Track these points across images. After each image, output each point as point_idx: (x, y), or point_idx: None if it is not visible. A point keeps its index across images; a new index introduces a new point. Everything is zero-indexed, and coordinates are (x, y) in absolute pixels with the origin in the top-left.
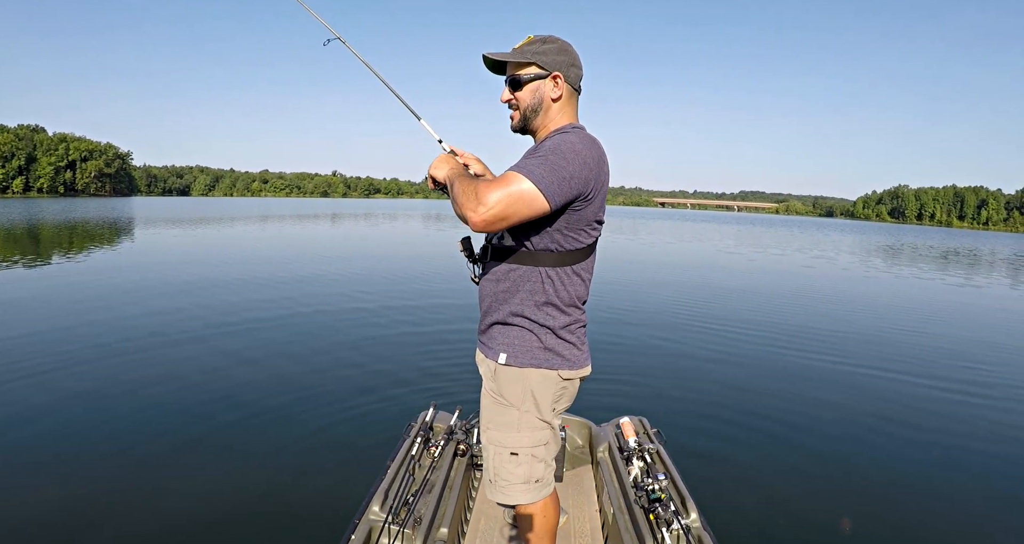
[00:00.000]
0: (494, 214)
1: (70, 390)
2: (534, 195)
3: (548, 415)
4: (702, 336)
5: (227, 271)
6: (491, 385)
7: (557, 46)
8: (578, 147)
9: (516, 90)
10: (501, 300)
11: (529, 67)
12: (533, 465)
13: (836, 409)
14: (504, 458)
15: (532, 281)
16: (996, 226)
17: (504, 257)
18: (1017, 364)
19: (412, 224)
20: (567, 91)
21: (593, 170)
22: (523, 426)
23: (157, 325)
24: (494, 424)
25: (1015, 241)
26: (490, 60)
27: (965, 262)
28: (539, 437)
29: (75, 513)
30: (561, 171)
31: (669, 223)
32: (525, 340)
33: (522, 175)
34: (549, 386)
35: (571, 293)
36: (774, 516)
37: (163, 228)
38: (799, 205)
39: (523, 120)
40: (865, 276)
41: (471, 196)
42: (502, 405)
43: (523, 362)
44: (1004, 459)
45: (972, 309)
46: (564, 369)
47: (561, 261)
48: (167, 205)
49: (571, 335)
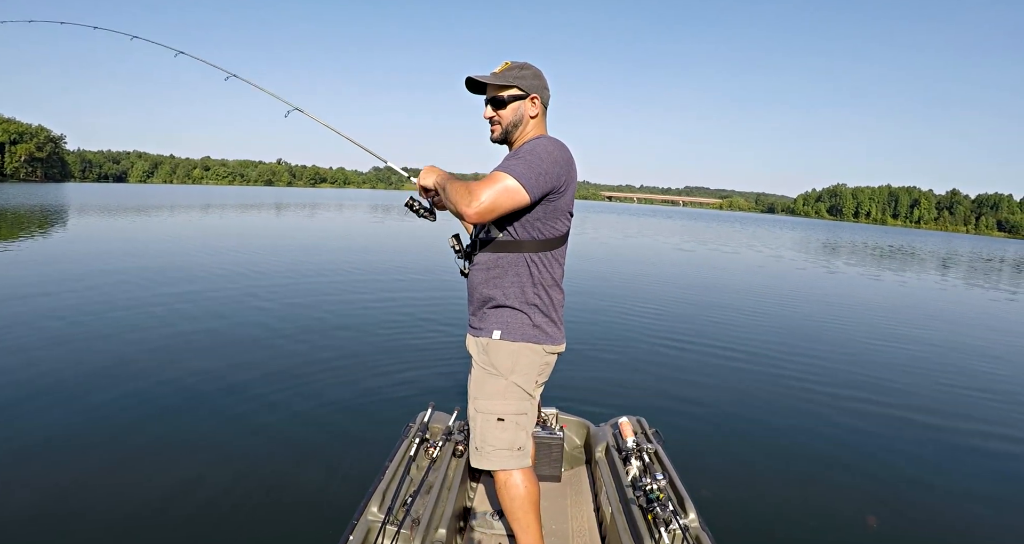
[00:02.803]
0: (485, 206)
1: (49, 383)
2: (516, 188)
3: (531, 387)
4: (700, 336)
5: (216, 266)
6: (482, 358)
7: (533, 72)
8: (550, 149)
9: (499, 108)
10: (492, 285)
11: (511, 89)
12: (516, 432)
13: (835, 408)
14: (491, 424)
15: (519, 265)
16: (927, 225)
17: (492, 248)
18: (1011, 361)
19: (382, 216)
20: (541, 109)
21: (564, 167)
22: (510, 394)
23: (147, 320)
24: (483, 393)
25: (944, 239)
26: (472, 82)
27: (936, 264)
28: (523, 406)
29: (62, 512)
30: (537, 168)
31: (650, 219)
32: (517, 319)
33: (506, 173)
34: (535, 359)
35: (552, 274)
36: (772, 516)
37: (126, 216)
38: (742, 201)
39: (504, 133)
40: (858, 275)
41: (464, 193)
42: (491, 375)
43: (516, 337)
44: (1005, 457)
45: (963, 309)
46: (548, 344)
47: (542, 247)
48: (104, 192)
49: (554, 313)
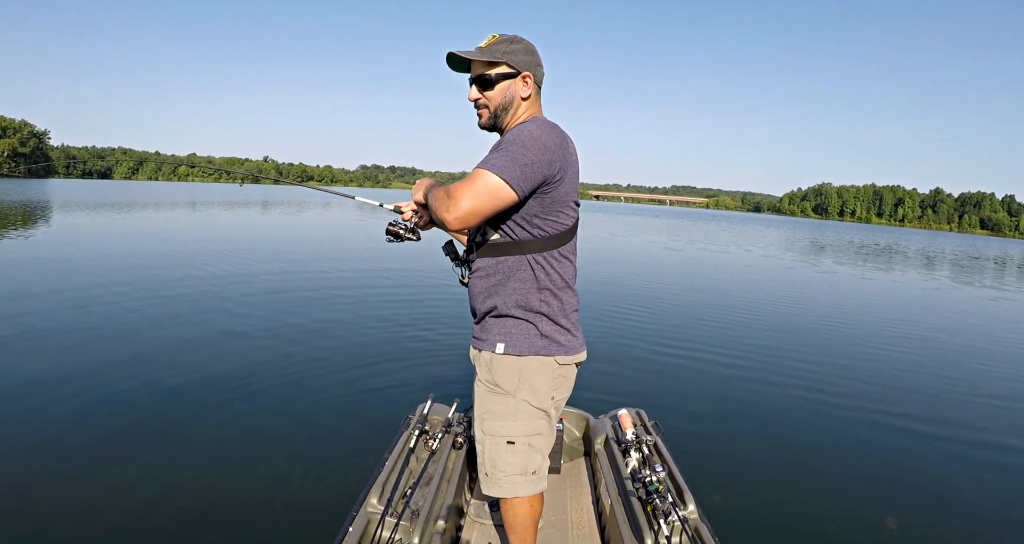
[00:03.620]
0: (465, 211)
1: (48, 376)
2: (499, 186)
3: (545, 403)
4: (700, 328)
5: (210, 263)
6: (486, 375)
7: (524, 46)
8: (536, 133)
9: (486, 89)
10: (493, 293)
11: (499, 66)
12: (530, 455)
13: (834, 400)
14: (500, 448)
15: (522, 269)
16: (911, 223)
17: (490, 252)
18: (1009, 360)
19: (370, 213)
20: (534, 89)
21: (556, 153)
22: (519, 414)
23: (149, 313)
24: (490, 414)
25: (929, 237)
26: (454, 58)
27: (924, 262)
28: (535, 426)
29: (57, 506)
30: (522, 158)
31: (636, 219)
32: (522, 329)
33: (486, 170)
34: (546, 373)
35: (562, 275)
36: (771, 507)
37: (116, 212)
38: (729, 200)
39: (493, 118)
40: (850, 273)
41: (443, 199)
42: (497, 394)
43: (521, 350)
44: (1007, 455)
45: (957, 306)
46: (560, 355)
47: (546, 246)
48: (91, 188)
49: (566, 320)
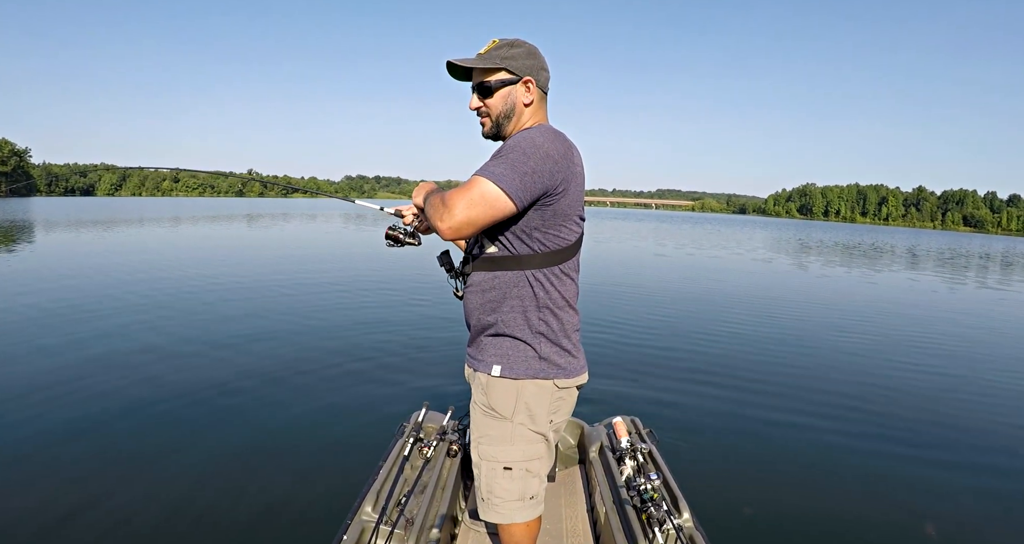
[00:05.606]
0: (459, 220)
1: (46, 392)
2: (496, 195)
3: (543, 427)
4: (694, 335)
5: (203, 275)
6: (481, 398)
7: (525, 50)
8: (539, 141)
9: (486, 97)
10: (490, 310)
11: (498, 72)
12: (527, 481)
13: (827, 408)
14: (497, 473)
15: (520, 286)
16: (895, 222)
17: (487, 266)
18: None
19: (358, 224)
20: (538, 95)
21: (559, 163)
22: (516, 438)
23: (142, 322)
24: (486, 438)
25: (913, 235)
26: (455, 66)
27: (936, 261)
28: (533, 450)
29: (50, 518)
30: (522, 167)
31: (623, 223)
32: (519, 350)
33: (483, 177)
34: (544, 397)
35: (562, 293)
36: (766, 516)
37: (106, 229)
38: (714, 203)
39: (495, 127)
40: (843, 274)
41: (438, 206)
42: (493, 418)
43: (518, 373)
44: (1007, 455)
45: (953, 304)
46: (560, 378)
47: (546, 262)
48: (74, 206)
49: (566, 340)
